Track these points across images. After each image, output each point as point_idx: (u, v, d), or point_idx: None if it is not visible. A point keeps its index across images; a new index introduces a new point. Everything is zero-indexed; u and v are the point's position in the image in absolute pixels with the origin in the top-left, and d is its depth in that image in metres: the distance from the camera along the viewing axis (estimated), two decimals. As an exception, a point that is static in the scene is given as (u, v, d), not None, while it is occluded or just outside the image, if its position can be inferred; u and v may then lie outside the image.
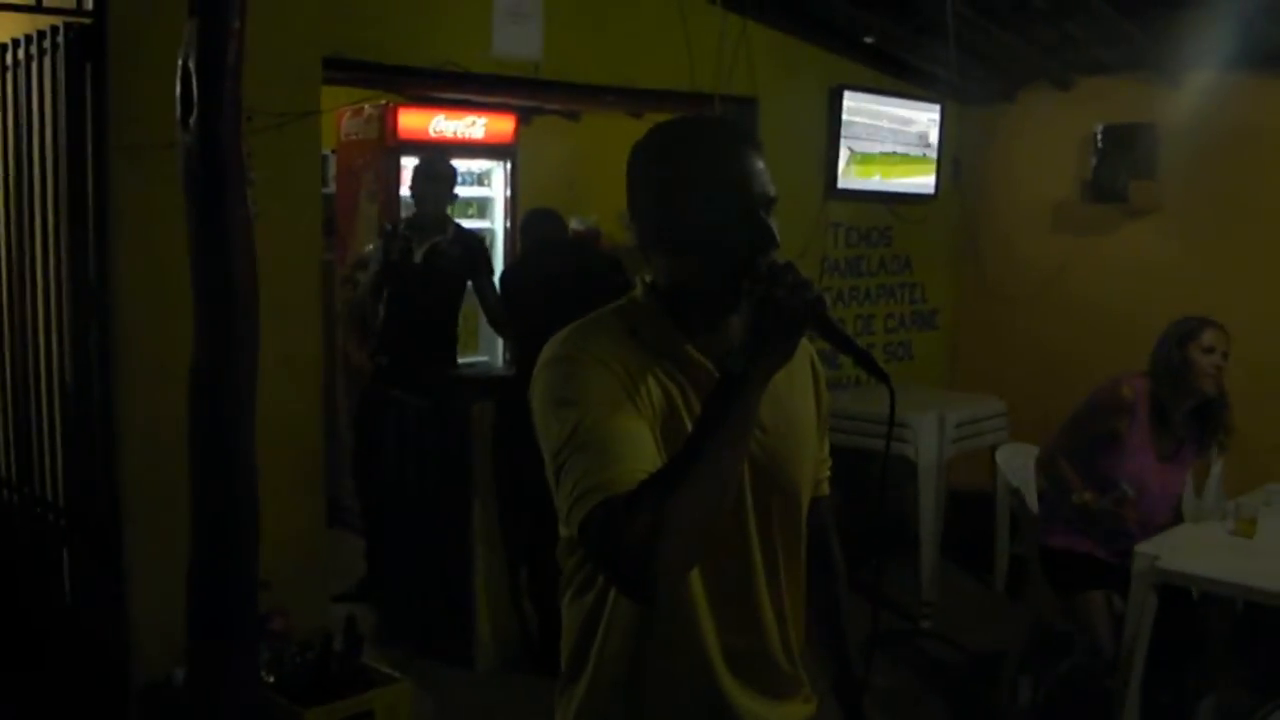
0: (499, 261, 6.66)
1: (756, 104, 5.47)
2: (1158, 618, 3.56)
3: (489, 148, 6.96)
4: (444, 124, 6.62)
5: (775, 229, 1.57)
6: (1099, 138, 5.86)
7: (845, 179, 5.93)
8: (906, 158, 6.17)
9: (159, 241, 3.47)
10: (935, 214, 6.44)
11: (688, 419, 1.56)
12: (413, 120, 6.48)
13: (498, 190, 7.16)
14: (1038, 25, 5.47)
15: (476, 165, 6.96)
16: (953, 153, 6.43)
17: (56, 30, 3.65)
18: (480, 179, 7.06)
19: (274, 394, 3.17)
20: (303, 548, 4.12)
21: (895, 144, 6.12)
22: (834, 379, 6.05)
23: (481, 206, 7.12)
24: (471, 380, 5.21)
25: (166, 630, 3.27)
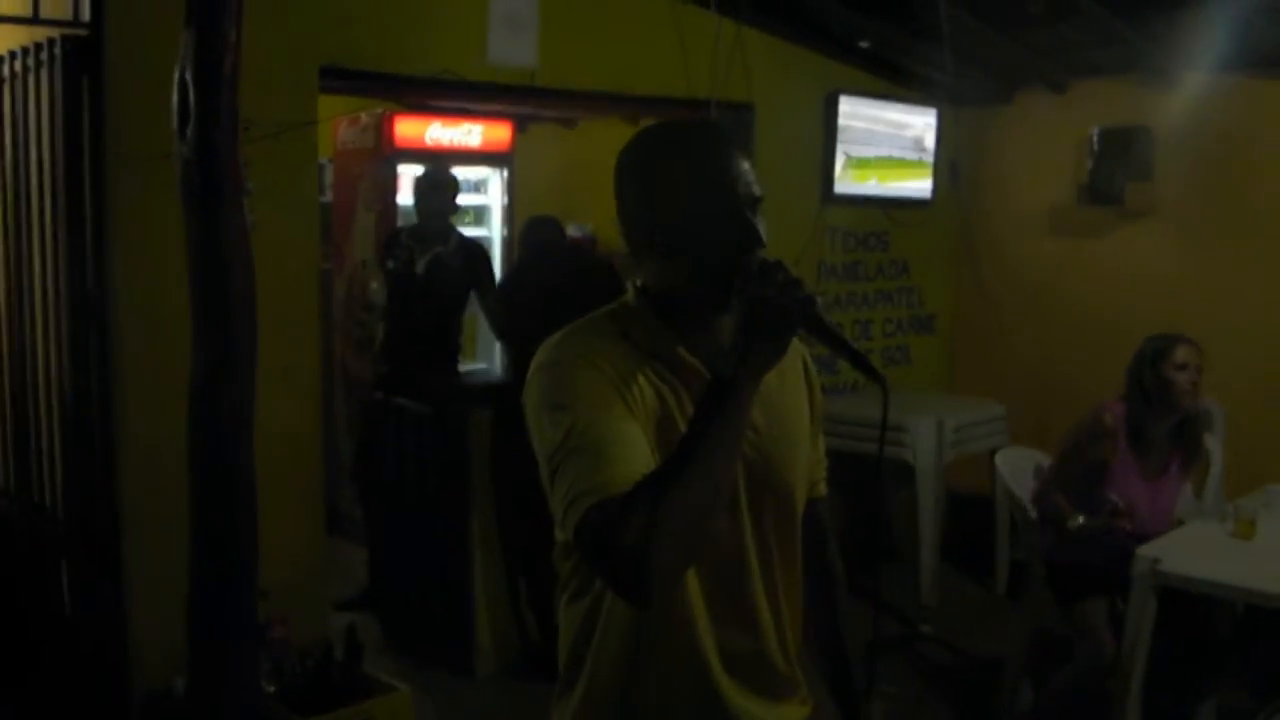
0: (496, 269, 6.66)
1: (753, 109, 5.48)
2: (1158, 620, 3.56)
3: (485, 155, 6.96)
4: (440, 132, 6.62)
5: (762, 229, 1.57)
6: (1095, 140, 5.86)
7: (841, 184, 5.93)
8: (903, 162, 6.18)
9: (157, 251, 3.48)
10: (932, 218, 6.44)
11: (681, 421, 1.56)
12: (409, 129, 6.48)
13: (494, 198, 7.17)
14: (1032, 28, 5.47)
15: (473, 173, 6.96)
16: (949, 157, 6.43)
17: (54, 42, 3.65)
18: (477, 187, 7.07)
19: (272, 403, 3.18)
20: (302, 556, 4.12)
21: (891, 148, 6.12)
22: (832, 384, 6.05)
23: (478, 214, 7.13)
24: (470, 388, 5.22)
25: (167, 639, 3.27)
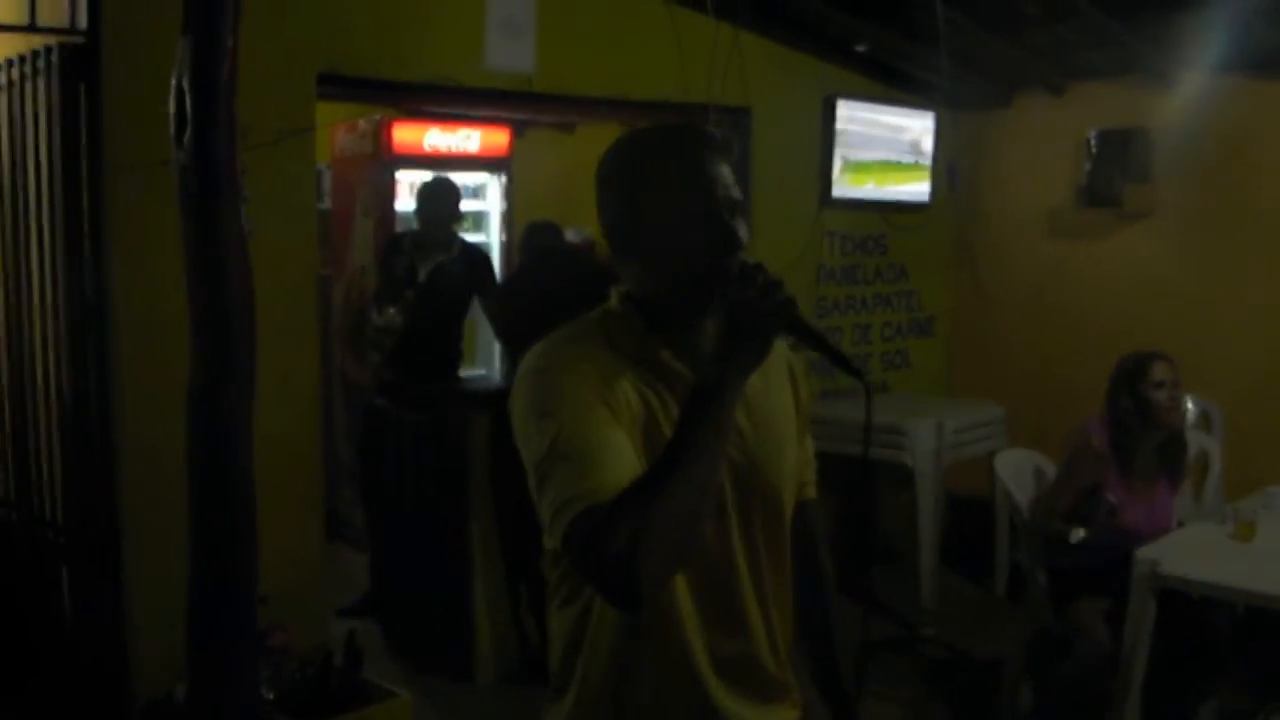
0: (496, 274, 6.67)
1: (750, 114, 5.48)
2: (1159, 621, 3.56)
3: (484, 161, 6.96)
4: (439, 138, 6.62)
5: (743, 232, 1.58)
6: (1093, 142, 5.86)
7: (839, 187, 5.93)
8: (900, 165, 6.18)
9: (155, 259, 3.47)
10: (930, 221, 6.44)
11: (666, 425, 1.56)
12: (407, 134, 6.48)
13: (493, 203, 7.17)
14: (1030, 30, 5.48)
15: (471, 179, 6.95)
16: (947, 160, 6.43)
17: (50, 50, 3.66)
18: (475, 192, 7.06)
19: (271, 410, 3.17)
20: (301, 563, 4.12)
21: (889, 152, 6.12)
22: (832, 387, 6.05)
23: (477, 220, 7.13)
24: (469, 394, 5.21)
25: (166, 647, 3.26)
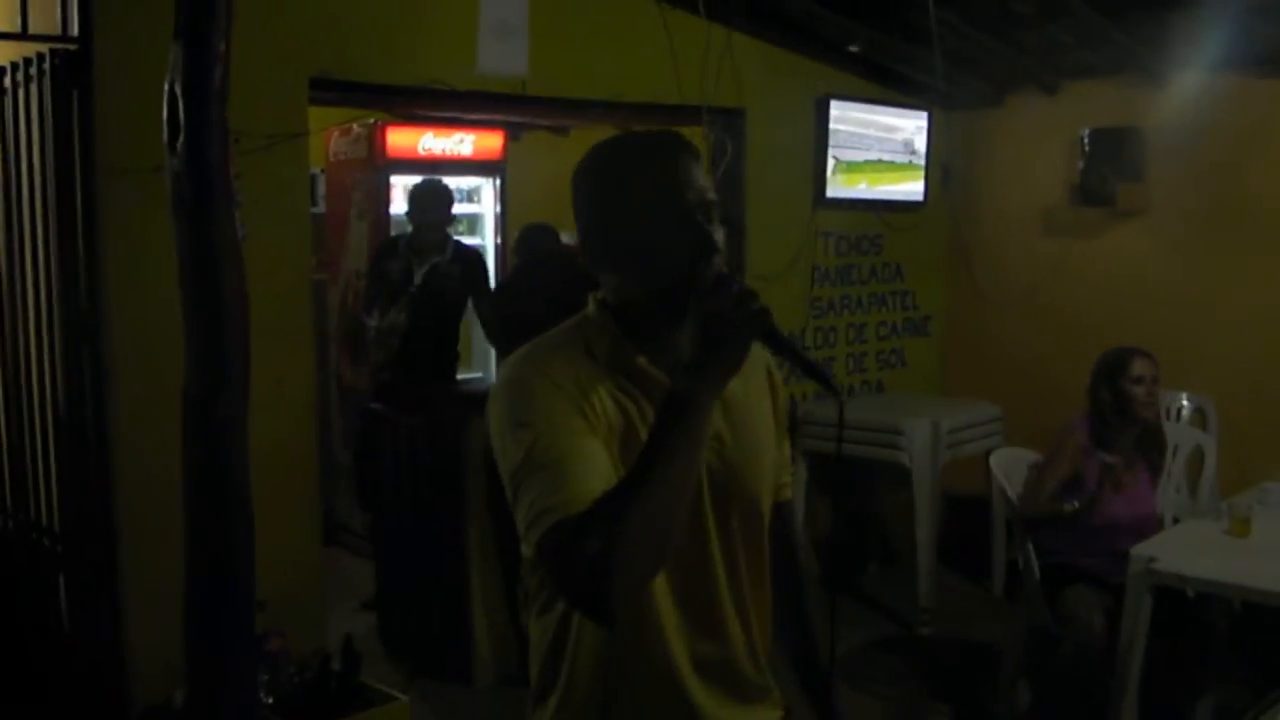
0: (491, 277, 6.67)
1: (744, 115, 5.49)
2: (1155, 618, 3.57)
3: (478, 164, 6.98)
4: (433, 142, 6.64)
5: (718, 236, 1.57)
6: (1086, 141, 5.86)
7: (832, 188, 5.92)
8: (892, 165, 6.18)
9: (148, 265, 3.47)
10: (925, 221, 6.44)
11: (644, 433, 1.55)
12: (401, 138, 6.50)
13: (487, 207, 7.18)
14: (1022, 30, 5.49)
15: (466, 182, 6.97)
16: (941, 159, 6.44)
17: (43, 57, 3.66)
18: (470, 196, 7.08)
19: (267, 415, 3.18)
20: (299, 567, 4.12)
21: (881, 152, 6.12)
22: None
23: (471, 223, 7.14)
24: (466, 396, 5.21)
25: (164, 653, 3.26)
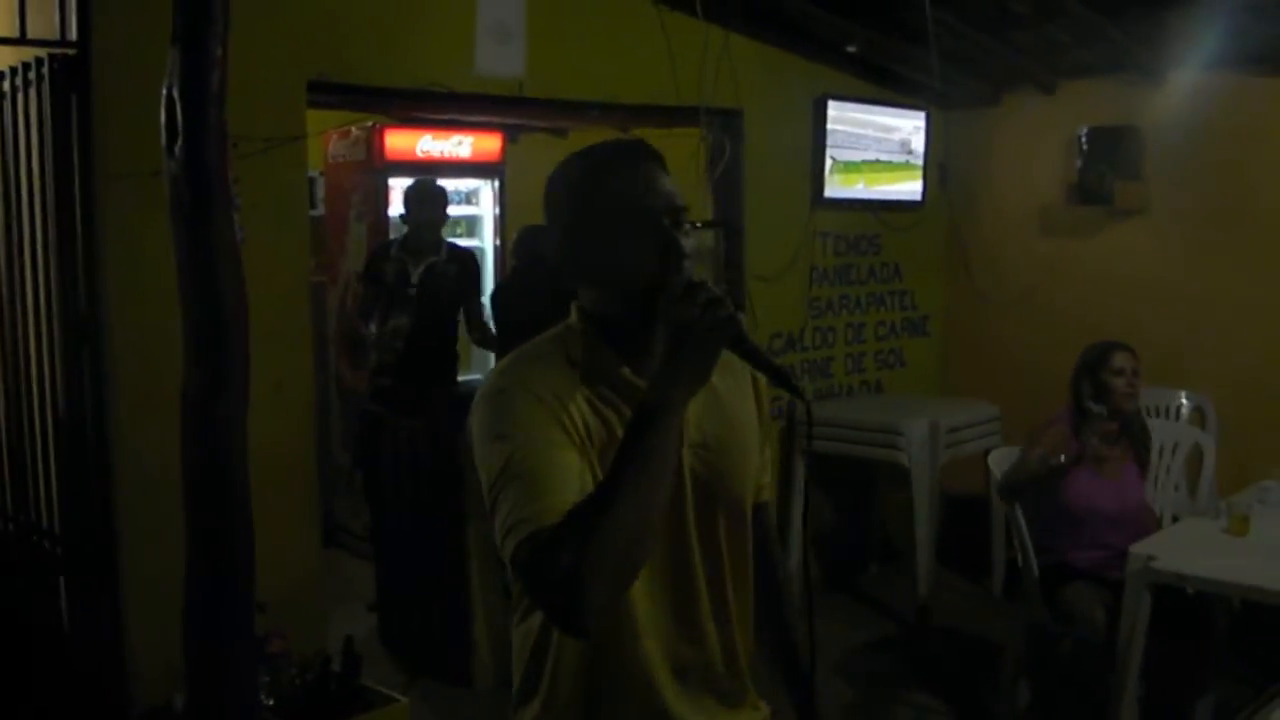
0: (488, 279, 6.68)
1: (741, 115, 5.49)
2: (1154, 616, 3.58)
3: (476, 166, 6.98)
4: (431, 144, 6.65)
5: (687, 242, 1.57)
6: (1083, 140, 5.87)
7: (830, 188, 5.92)
8: (890, 165, 6.18)
9: (147, 268, 3.48)
10: (923, 221, 6.44)
11: None
12: (400, 141, 6.51)
13: (486, 209, 7.19)
14: (1019, 29, 5.49)
15: (464, 184, 6.98)
16: (938, 159, 6.44)
17: (41, 62, 3.66)
18: (468, 198, 7.08)
19: (266, 417, 3.18)
20: (299, 569, 4.12)
21: (879, 152, 6.12)
22: (826, 389, 6.07)
23: (470, 225, 7.14)
24: (465, 397, 5.21)
25: (165, 655, 3.26)
